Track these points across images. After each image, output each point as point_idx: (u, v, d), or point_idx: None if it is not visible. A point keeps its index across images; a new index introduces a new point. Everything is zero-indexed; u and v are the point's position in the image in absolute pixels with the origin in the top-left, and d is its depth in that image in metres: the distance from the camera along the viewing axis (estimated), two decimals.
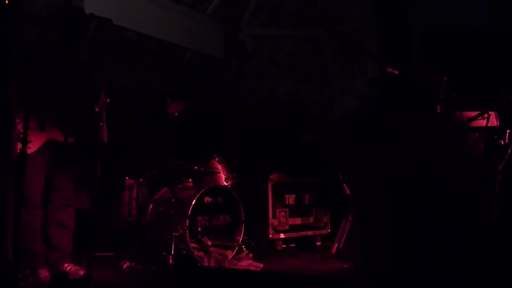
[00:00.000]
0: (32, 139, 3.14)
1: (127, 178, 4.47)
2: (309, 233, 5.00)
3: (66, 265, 3.40)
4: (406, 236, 2.45)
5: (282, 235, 4.87)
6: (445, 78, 2.78)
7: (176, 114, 4.11)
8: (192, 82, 6.06)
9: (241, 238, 4.23)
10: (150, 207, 4.31)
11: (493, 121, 2.48)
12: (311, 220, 5.04)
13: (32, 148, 3.14)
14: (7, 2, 2.44)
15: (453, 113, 2.52)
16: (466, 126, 2.47)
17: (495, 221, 2.63)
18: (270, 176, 4.93)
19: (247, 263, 4.07)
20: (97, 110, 2.93)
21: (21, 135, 2.98)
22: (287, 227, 4.91)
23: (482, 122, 2.47)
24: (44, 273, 3.26)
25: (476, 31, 5.08)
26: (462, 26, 5.19)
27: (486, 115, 2.44)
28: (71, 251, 3.47)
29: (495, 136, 2.72)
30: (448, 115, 2.54)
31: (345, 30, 5.98)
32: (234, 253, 4.15)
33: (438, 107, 2.64)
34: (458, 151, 2.51)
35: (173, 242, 3.85)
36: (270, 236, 4.81)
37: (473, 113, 2.47)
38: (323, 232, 5.05)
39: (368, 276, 2.58)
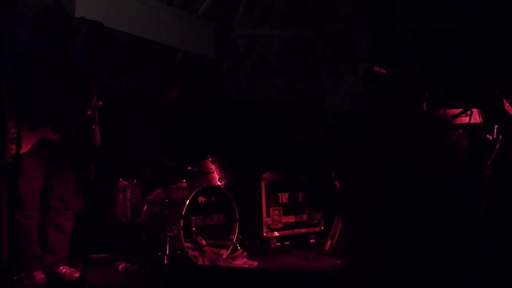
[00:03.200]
0: (22, 139, 3.16)
1: (120, 179, 4.48)
2: (303, 230, 5.03)
3: (61, 267, 3.41)
4: (394, 234, 2.49)
5: (276, 233, 4.90)
6: (417, 65, 2.80)
7: (171, 102, 3.85)
8: (185, 83, 6.08)
9: (235, 237, 4.26)
10: (144, 208, 4.33)
11: (476, 117, 2.52)
12: (304, 217, 5.08)
13: (24, 147, 3.13)
14: None
15: (437, 110, 2.57)
16: (450, 123, 2.52)
17: (484, 216, 2.66)
18: (263, 175, 4.96)
19: (241, 261, 4.11)
20: (89, 113, 2.95)
21: (14, 137, 3.02)
22: (281, 225, 4.95)
23: (465, 119, 2.51)
24: (39, 276, 3.26)
25: (465, 29, 5.14)
26: (451, 24, 5.25)
27: (469, 112, 2.49)
28: (67, 254, 3.46)
29: (483, 132, 2.75)
30: (433, 112, 2.59)
31: (336, 29, 6.01)
32: (228, 252, 4.18)
33: (424, 104, 2.68)
34: (444, 147, 2.56)
35: (167, 242, 3.87)
36: (264, 234, 4.84)
37: (456, 110, 2.52)
38: (317, 229, 5.09)
39: (357, 273, 2.62)
